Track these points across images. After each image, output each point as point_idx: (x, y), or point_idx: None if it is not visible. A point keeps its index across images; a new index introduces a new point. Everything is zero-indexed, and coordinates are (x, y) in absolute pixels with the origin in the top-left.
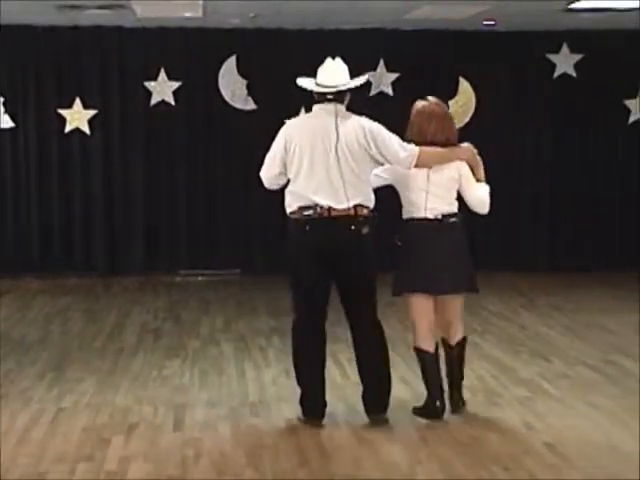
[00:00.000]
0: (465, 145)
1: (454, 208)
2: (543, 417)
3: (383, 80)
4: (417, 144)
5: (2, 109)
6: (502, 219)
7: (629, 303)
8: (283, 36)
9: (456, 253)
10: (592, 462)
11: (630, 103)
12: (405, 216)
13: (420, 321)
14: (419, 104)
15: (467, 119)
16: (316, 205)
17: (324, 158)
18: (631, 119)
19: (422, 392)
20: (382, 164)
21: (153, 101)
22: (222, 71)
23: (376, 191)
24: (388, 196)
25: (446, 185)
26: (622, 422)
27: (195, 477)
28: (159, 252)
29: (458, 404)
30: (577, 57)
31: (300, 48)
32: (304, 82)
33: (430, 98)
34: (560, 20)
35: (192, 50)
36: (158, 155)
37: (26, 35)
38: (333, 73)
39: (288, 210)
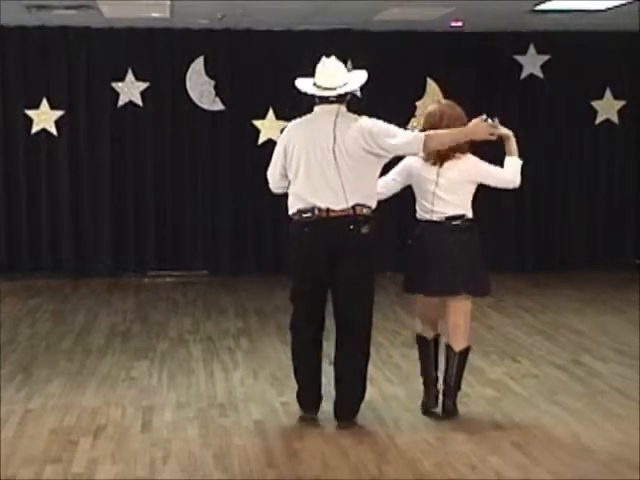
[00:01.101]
0: (475, 121)
1: (461, 211)
2: (511, 417)
3: None
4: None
5: None
6: None
7: (596, 304)
8: (251, 37)
9: (457, 255)
10: (559, 461)
11: (597, 104)
12: (417, 216)
13: (419, 312)
14: (430, 107)
15: None
16: (314, 207)
17: (322, 159)
18: (598, 120)
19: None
20: (386, 156)
21: (120, 102)
22: (190, 72)
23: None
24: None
25: (453, 188)
26: (589, 421)
27: (164, 478)
28: (127, 253)
29: (450, 412)
30: (544, 58)
31: (268, 49)
32: (303, 85)
33: (442, 101)
34: (527, 21)
35: (160, 51)
36: (126, 156)
37: None
38: (331, 74)
39: (290, 212)
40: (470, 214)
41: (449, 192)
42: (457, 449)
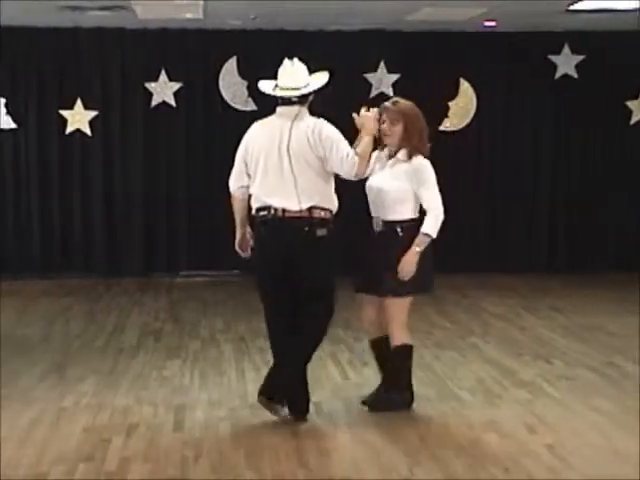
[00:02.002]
0: (358, 116)
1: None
2: (543, 419)
3: (384, 81)
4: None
5: (4, 110)
6: (501, 220)
7: (629, 305)
8: (284, 37)
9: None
10: (592, 464)
11: (632, 104)
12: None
13: (406, 319)
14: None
15: (468, 120)
16: (270, 207)
17: (278, 160)
18: (633, 120)
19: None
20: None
21: (154, 102)
22: (223, 72)
23: None
24: None
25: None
26: (622, 424)
27: (194, 478)
28: (159, 253)
29: (373, 403)
30: (578, 58)
31: (301, 49)
32: (265, 86)
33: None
34: (561, 21)
35: (193, 51)
36: (158, 156)
37: (28, 36)
38: (293, 75)
39: (251, 212)
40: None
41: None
42: (489, 451)
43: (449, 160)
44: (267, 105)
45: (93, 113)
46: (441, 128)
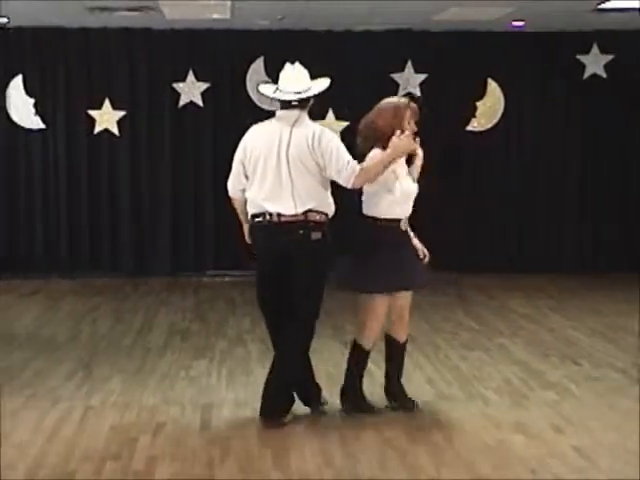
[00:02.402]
0: (393, 140)
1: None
2: (570, 420)
3: (411, 81)
4: (364, 143)
5: (32, 110)
6: (529, 220)
7: None
8: (311, 37)
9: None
10: (618, 465)
11: None
12: (371, 213)
13: (377, 322)
14: (391, 99)
15: (495, 120)
16: (265, 212)
17: (276, 164)
18: None
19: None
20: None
21: (181, 102)
22: (250, 72)
23: None
24: None
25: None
26: None
27: (221, 477)
28: (186, 253)
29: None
30: (607, 58)
31: (328, 49)
32: (266, 89)
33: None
34: (590, 20)
35: (220, 51)
36: (185, 156)
37: (57, 37)
38: (294, 79)
39: (248, 216)
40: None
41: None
42: (516, 452)
43: (476, 160)
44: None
45: (121, 113)
46: (468, 128)
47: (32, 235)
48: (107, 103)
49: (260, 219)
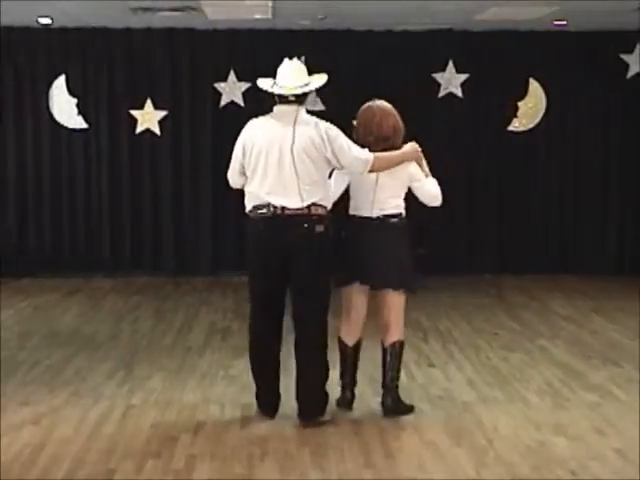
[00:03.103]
0: (410, 145)
1: (397, 210)
2: (612, 422)
3: (452, 81)
4: (364, 139)
5: (75, 110)
6: (570, 221)
7: None
8: (352, 37)
9: (391, 252)
10: None
11: None
12: (351, 212)
13: (346, 312)
14: (363, 106)
15: (537, 120)
16: (269, 204)
17: (280, 159)
18: None
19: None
20: (336, 167)
21: (222, 102)
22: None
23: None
24: None
25: (394, 187)
26: None
27: (260, 476)
28: (227, 252)
29: (389, 410)
30: None
31: (369, 49)
32: (264, 83)
33: (376, 100)
34: (633, 20)
35: (261, 51)
36: (227, 155)
37: (100, 37)
38: (292, 74)
39: (246, 209)
40: (404, 213)
41: (387, 190)
42: (556, 454)
43: (518, 160)
44: (335, 105)
45: (163, 113)
46: (510, 128)
47: (75, 234)
48: (149, 103)
49: (264, 211)
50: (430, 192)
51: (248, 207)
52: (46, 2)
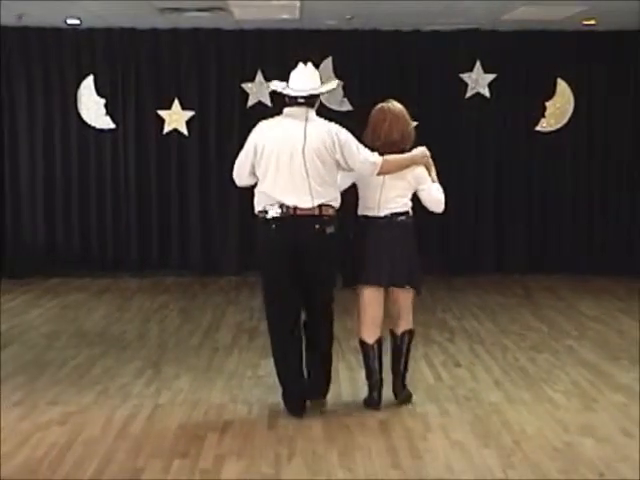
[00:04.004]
0: (420, 149)
1: (405, 208)
2: None
3: (480, 81)
4: (372, 143)
5: (103, 111)
6: (599, 221)
7: None
8: (379, 37)
9: (398, 249)
10: None
11: None
12: (360, 212)
13: (363, 312)
14: (377, 106)
15: (565, 120)
16: (282, 204)
17: (291, 160)
18: None
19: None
20: (345, 169)
21: (250, 102)
22: (319, 72)
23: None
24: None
25: (401, 188)
26: None
27: (288, 476)
28: (254, 252)
29: (402, 398)
30: None
31: (396, 49)
32: (277, 85)
33: (390, 101)
34: None
35: (289, 51)
36: None
37: (127, 37)
38: (305, 78)
39: (256, 209)
40: (411, 211)
41: (395, 190)
42: (584, 455)
43: (545, 160)
44: (363, 105)
45: (190, 113)
46: (537, 128)
47: (103, 234)
48: (176, 103)
49: (277, 210)
50: (435, 197)
51: (259, 207)
52: (74, 2)
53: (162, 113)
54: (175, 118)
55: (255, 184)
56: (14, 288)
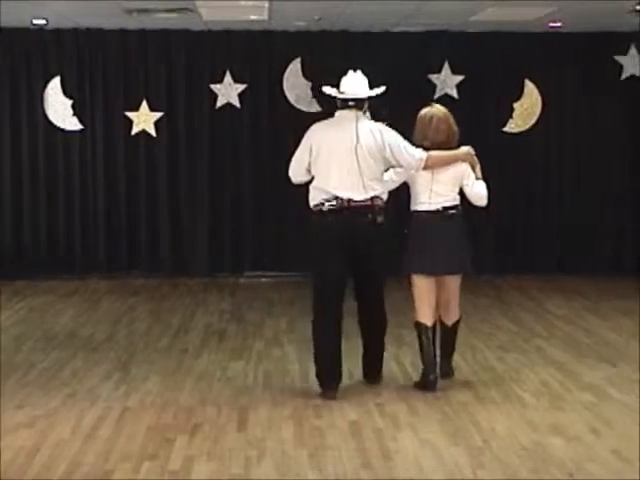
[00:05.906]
0: (465, 148)
1: (454, 202)
2: (609, 422)
3: (448, 82)
4: (420, 144)
5: (70, 112)
6: (567, 222)
7: None
8: (348, 39)
9: (452, 240)
10: None
11: None
12: (412, 208)
13: (420, 298)
14: (422, 110)
15: (532, 121)
16: (337, 197)
17: (344, 157)
18: None
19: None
20: (393, 166)
21: (219, 103)
22: (287, 73)
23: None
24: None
25: (448, 183)
26: None
27: (258, 477)
28: (224, 254)
29: (447, 374)
30: None
31: (365, 51)
32: (329, 90)
33: (434, 104)
34: (628, 21)
35: (257, 53)
36: (223, 157)
37: (95, 38)
38: (355, 83)
39: (312, 203)
40: (459, 204)
41: (444, 185)
42: (554, 455)
43: (513, 161)
44: (331, 106)
45: (158, 114)
46: (505, 129)
47: (71, 236)
48: (144, 104)
49: (332, 203)
50: (478, 193)
51: (315, 201)
52: (41, 3)
53: (130, 114)
54: (143, 119)
55: (310, 180)
56: None
